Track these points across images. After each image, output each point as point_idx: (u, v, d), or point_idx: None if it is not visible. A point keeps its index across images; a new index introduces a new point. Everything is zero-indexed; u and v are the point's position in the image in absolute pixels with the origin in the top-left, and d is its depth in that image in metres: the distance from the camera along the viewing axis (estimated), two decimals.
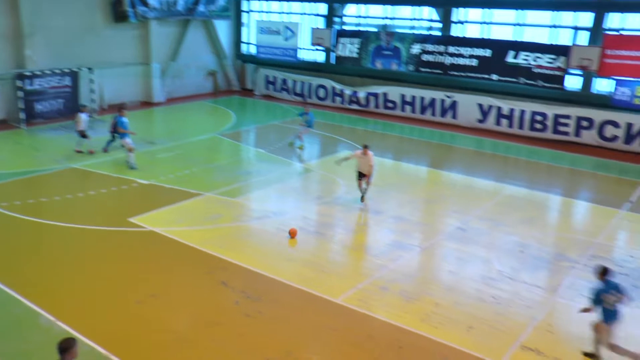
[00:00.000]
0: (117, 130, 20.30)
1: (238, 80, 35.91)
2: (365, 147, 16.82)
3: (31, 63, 26.02)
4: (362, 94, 30.33)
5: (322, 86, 31.73)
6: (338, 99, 31.27)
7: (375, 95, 29.92)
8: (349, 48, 30.42)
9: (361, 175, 16.90)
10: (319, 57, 32.58)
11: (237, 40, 35.87)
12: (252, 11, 35.30)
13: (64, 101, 26.81)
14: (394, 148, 23.97)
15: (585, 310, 9.90)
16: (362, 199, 16.89)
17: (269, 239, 14.35)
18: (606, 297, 9.48)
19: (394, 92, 29.36)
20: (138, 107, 30.17)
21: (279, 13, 33.92)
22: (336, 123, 27.77)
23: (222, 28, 34.81)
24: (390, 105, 29.61)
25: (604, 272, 9.74)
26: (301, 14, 32.97)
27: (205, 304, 11.34)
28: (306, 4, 32.66)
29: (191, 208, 16.20)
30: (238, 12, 35.39)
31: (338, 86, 31.18)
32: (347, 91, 30.83)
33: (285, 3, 33.61)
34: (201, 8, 32.31)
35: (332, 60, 31.55)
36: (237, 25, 35.65)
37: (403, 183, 19.10)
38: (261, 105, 32.01)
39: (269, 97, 33.72)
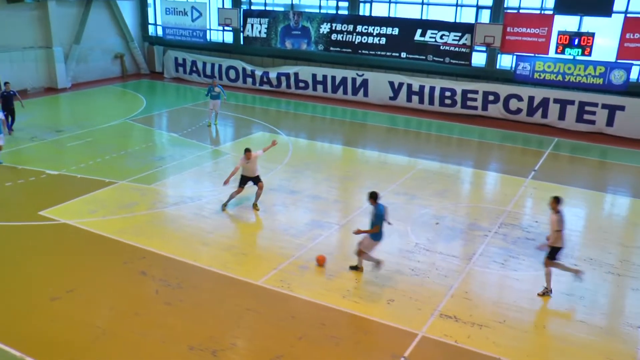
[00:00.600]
0: None
1: (146, 63, 34.87)
2: (248, 150, 14.80)
3: None
4: (273, 74, 30.18)
5: (233, 67, 31.33)
6: (249, 80, 30.99)
7: (287, 75, 29.85)
8: (257, 28, 30.13)
9: (246, 181, 15.02)
10: (228, 38, 32.12)
11: (143, 22, 34.77)
12: None
13: None
14: (308, 128, 24.10)
15: (362, 231, 11.52)
16: (225, 206, 15.09)
17: (187, 225, 14.14)
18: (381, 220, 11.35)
19: (305, 72, 29.39)
20: (42, 94, 28.80)
21: None
22: (248, 104, 27.56)
23: (127, 9, 33.61)
24: (302, 85, 29.65)
25: (375, 197, 11.42)
26: None
27: (125, 296, 11.08)
28: None
29: (105, 197, 15.70)
30: None
31: (249, 67, 30.87)
32: (258, 72, 30.60)
33: None
34: None
35: (242, 41, 31.19)
36: (143, 6, 34.52)
37: (318, 162, 19.26)
38: (171, 89, 31.30)
39: (179, 80, 32.99)
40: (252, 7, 30.91)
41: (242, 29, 30.60)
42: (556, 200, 11.19)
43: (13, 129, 21.61)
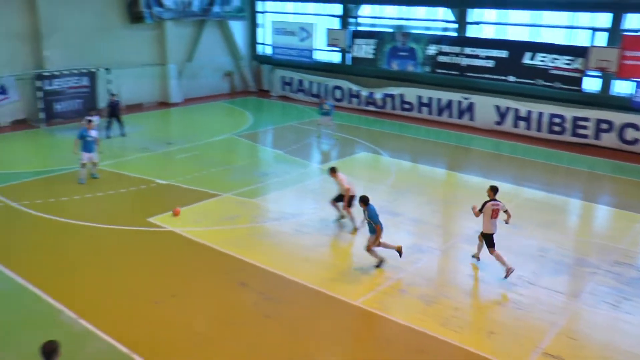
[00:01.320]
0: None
1: (254, 81, 35.94)
2: (333, 170, 15.42)
3: (49, 63, 26.21)
4: (378, 95, 30.25)
5: (339, 87, 31.68)
6: (355, 100, 31.21)
7: (392, 96, 29.82)
8: (364, 49, 30.37)
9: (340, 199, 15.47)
10: (335, 58, 32.55)
11: (252, 41, 35.92)
12: (267, 12, 35.32)
13: (82, 101, 27.00)
14: (411, 150, 23.88)
15: (373, 244, 12.83)
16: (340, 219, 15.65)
17: (287, 240, 14.34)
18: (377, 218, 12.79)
19: (411, 93, 29.24)
20: (155, 107, 30.33)
21: (294, 14, 33.91)
22: (353, 124, 27.71)
23: (238, 29, 34.85)
24: (406, 106, 29.50)
25: (366, 201, 12.84)
26: (316, 14, 32.94)
27: (225, 305, 11.34)
28: (321, 4, 32.63)
29: (209, 208, 16.23)
30: (253, 13, 35.44)
31: (354, 87, 31.12)
32: (364, 92, 30.77)
33: (300, 4, 33.58)
34: (216, 9, 32.38)
35: (348, 61, 31.52)
36: (253, 26, 35.70)
37: (420, 185, 19.01)
38: (278, 106, 32.03)
39: (285, 98, 33.72)
40: (360, 28, 31.21)
41: (349, 49, 30.93)
42: None
43: (125, 133, 23.78)
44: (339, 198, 15.46)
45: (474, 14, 27.71)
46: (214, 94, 34.03)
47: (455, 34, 27.98)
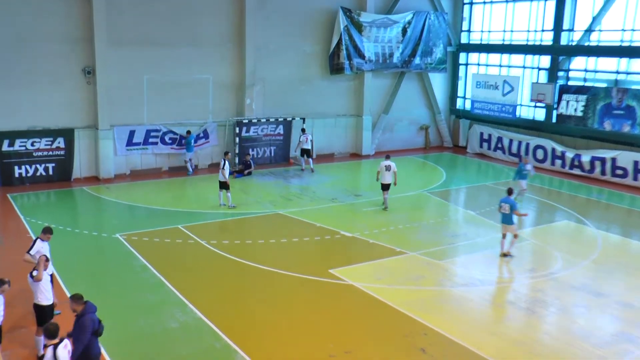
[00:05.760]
0: None
1: (450, 136, 35.85)
2: (387, 157, 21.95)
3: (249, 111, 28.44)
4: (586, 157, 28.53)
5: (541, 147, 30.44)
6: (558, 161, 29.74)
7: (602, 160, 27.95)
8: (572, 105, 28.93)
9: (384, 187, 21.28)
10: (539, 114, 31.43)
11: (452, 95, 35.99)
12: (469, 64, 35.27)
13: (275, 148, 28.97)
14: (622, 222, 22.02)
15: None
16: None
17: (474, 309, 13.89)
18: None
19: (625, 157, 27.16)
20: (347, 159, 31.46)
21: (498, 66, 33.43)
22: (554, 188, 26.38)
23: (437, 81, 35.19)
24: (619, 172, 27.42)
25: (510, 192, 16.96)
26: (522, 67, 32.19)
27: None
28: (528, 56, 31.85)
29: (393, 266, 16.29)
30: (455, 65, 35.60)
31: (559, 148, 29.70)
32: (569, 154, 29.22)
33: (505, 56, 33.07)
34: (417, 61, 33.03)
35: (554, 119, 30.24)
36: (453, 79, 35.81)
37: (632, 263, 17.35)
38: (473, 164, 31.58)
39: (482, 156, 33.12)
40: (570, 83, 29.91)
41: (555, 106, 29.73)
42: None
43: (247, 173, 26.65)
44: None
45: None
46: (408, 147, 34.47)
47: None
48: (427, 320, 13.06)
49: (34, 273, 11.26)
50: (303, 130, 28.52)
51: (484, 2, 33.94)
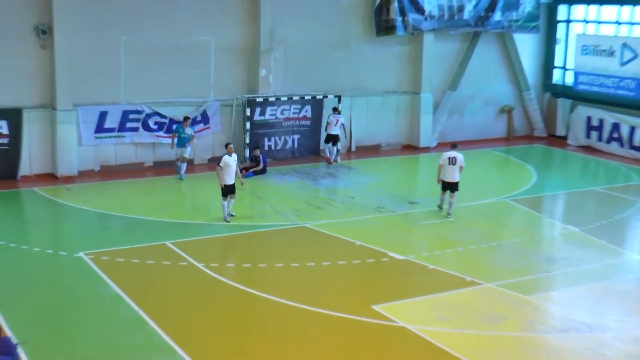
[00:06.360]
0: None
1: (544, 122, 35.52)
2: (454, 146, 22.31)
3: (265, 87, 28.44)
4: None
5: None
6: None
7: None
8: None
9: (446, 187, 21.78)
10: None
11: (546, 64, 35.65)
12: (572, 21, 34.82)
13: (299, 137, 28.91)
14: None
15: None
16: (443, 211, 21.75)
17: None
18: None
19: None
20: (397, 152, 31.36)
21: (615, 23, 32.85)
22: None
23: (526, 45, 34.94)
24: None
25: None
26: None
27: None
28: None
29: (461, 302, 16.11)
30: (551, 22, 35.27)
31: None
32: None
33: (626, 7, 32.36)
34: (497, 17, 32.83)
35: None
36: (548, 42, 35.46)
37: None
38: (577, 161, 31.42)
39: (589, 150, 32.78)
40: None
41: None
42: None
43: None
44: None
45: None
46: (483, 137, 34.30)
47: None
48: None
49: None
50: (335, 109, 28.44)
51: None
